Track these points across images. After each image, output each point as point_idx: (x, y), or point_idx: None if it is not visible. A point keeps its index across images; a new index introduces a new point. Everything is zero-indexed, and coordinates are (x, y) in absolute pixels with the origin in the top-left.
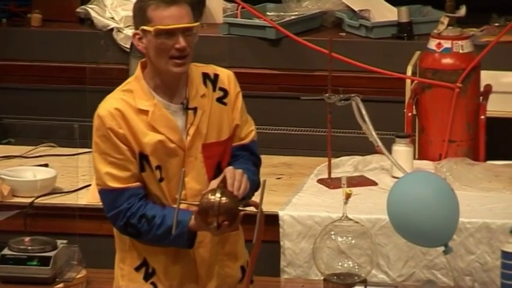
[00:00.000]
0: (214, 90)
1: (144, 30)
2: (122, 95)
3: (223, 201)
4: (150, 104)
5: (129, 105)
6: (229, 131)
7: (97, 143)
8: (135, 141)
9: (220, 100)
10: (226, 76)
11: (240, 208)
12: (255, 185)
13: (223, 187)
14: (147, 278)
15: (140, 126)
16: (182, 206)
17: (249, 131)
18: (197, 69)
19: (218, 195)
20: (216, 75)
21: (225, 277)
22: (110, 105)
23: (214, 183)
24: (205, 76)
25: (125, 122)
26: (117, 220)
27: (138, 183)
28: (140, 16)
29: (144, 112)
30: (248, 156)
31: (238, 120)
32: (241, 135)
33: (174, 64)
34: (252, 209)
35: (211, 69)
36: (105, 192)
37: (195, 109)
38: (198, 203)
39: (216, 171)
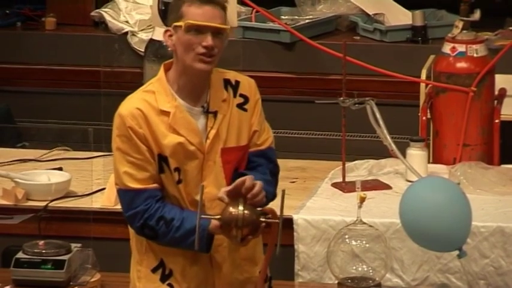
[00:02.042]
0: (234, 96)
1: (175, 27)
2: (143, 95)
3: (246, 214)
4: (171, 106)
5: (150, 105)
6: (248, 137)
7: (117, 142)
8: (154, 142)
9: (240, 106)
10: (248, 83)
11: (262, 219)
12: (271, 196)
13: (242, 199)
14: (164, 279)
15: (161, 128)
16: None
17: (267, 138)
18: (219, 75)
19: (241, 208)
20: (238, 82)
21: (244, 283)
22: (131, 105)
23: (225, 190)
24: (227, 82)
25: (145, 122)
26: (134, 221)
27: (156, 185)
28: (174, 13)
29: (166, 113)
30: (266, 165)
31: (257, 126)
32: (258, 141)
33: (199, 60)
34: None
35: (233, 75)
36: (123, 192)
37: (215, 113)
38: (219, 216)
39: (233, 176)
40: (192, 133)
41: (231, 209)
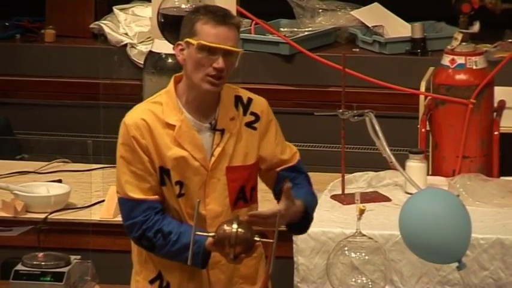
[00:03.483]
0: (245, 114)
1: (187, 43)
2: (150, 106)
3: (240, 232)
4: (177, 119)
5: (156, 117)
6: (255, 156)
7: (120, 150)
8: (157, 154)
9: (249, 125)
10: (261, 102)
11: (256, 238)
12: (315, 200)
13: (238, 218)
14: None
15: (165, 140)
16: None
17: (294, 153)
18: (231, 91)
19: (235, 226)
20: (250, 100)
21: None
22: (137, 115)
23: (281, 205)
24: (238, 99)
25: (149, 134)
26: (133, 231)
27: (156, 197)
28: (188, 27)
29: (171, 126)
30: (303, 177)
31: (270, 151)
32: (286, 157)
33: (208, 82)
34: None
35: (245, 93)
36: (124, 201)
37: (222, 130)
38: (213, 234)
39: (238, 194)
40: (196, 148)
41: (225, 227)
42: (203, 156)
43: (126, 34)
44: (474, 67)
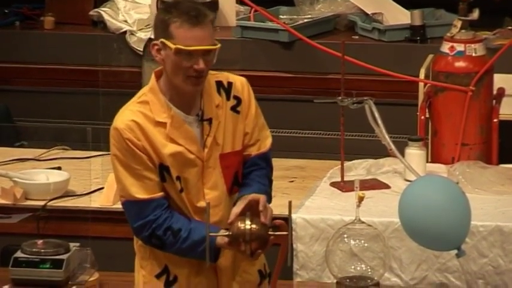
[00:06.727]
0: (228, 99)
1: (164, 44)
2: (138, 107)
3: (254, 229)
4: (167, 116)
5: (146, 117)
6: (242, 141)
7: (117, 156)
8: (154, 153)
9: (234, 109)
10: (240, 83)
11: (270, 233)
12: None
13: (250, 214)
14: (168, 285)
15: (159, 138)
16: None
17: (268, 139)
18: (211, 78)
19: (248, 222)
20: (230, 84)
21: (243, 283)
22: (126, 118)
23: (237, 209)
24: (219, 84)
25: (143, 134)
26: (143, 231)
27: (162, 193)
28: (162, 29)
29: (162, 124)
30: (266, 172)
31: (251, 128)
32: (260, 143)
33: (190, 83)
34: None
35: (225, 76)
36: (131, 203)
37: (210, 120)
38: (228, 233)
39: (233, 180)
40: (190, 141)
41: (239, 224)
42: (197, 148)
43: (126, 21)
44: (473, 54)
